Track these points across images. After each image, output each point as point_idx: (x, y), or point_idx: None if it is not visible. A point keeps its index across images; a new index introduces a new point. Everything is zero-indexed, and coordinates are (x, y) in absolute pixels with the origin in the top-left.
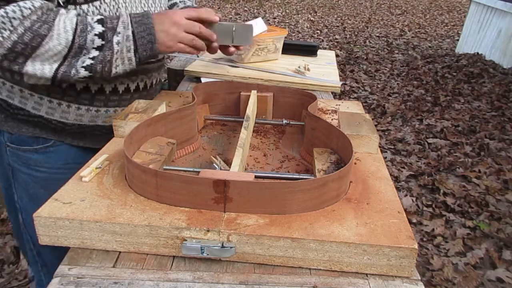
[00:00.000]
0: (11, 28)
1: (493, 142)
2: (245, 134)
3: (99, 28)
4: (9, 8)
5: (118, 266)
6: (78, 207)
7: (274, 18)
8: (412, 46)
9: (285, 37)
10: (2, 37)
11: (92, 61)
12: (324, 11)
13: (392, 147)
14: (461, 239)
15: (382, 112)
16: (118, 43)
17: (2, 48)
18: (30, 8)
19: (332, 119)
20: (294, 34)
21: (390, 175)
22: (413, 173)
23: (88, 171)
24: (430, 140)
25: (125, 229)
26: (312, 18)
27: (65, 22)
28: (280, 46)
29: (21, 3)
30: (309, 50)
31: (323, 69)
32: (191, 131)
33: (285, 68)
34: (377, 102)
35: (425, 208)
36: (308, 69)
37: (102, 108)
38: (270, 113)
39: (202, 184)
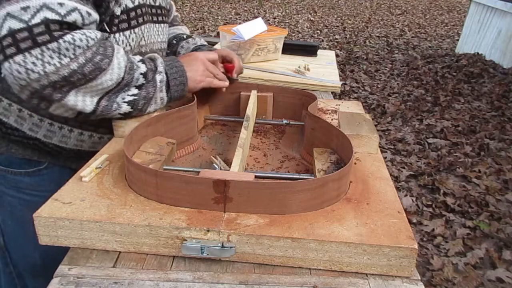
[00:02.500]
0: (72, 56)
1: (493, 142)
2: (245, 134)
3: (143, 68)
4: (77, 35)
5: (118, 266)
6: (78, 207)
7: (274, 18)
8: (412, 46)
9: (285, 37)
10: (60, 63)
11: (135, 97)
12: (324, 11)
13: (392, 147)
14: (461, 239)
15: (382, 112)
16: (160, 81)
17: (56, 75)
18: (93, 39)
19: (332, 119)
20: (294, 34)
21: (390, 175)
22: (413, 173)
23: (88, 171)
24: (430, 140)
25: (125, 229)
26: (312, 18)
27: (119, 59)
28: (280, 46)
29: (87, 32)
30: (309, 50)
31: (323, 69)
32: (191, 131)
33: (285, 68)
34: (377, 102)
35: (425, 208)
36: (308, 69)
37: (105, 135)
38: (270, 113)
39: (202, 184)
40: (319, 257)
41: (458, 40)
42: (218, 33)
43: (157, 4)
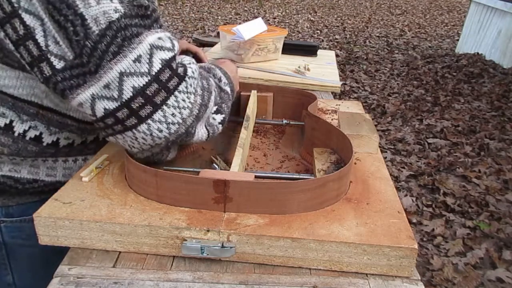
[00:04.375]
0: (194, 91)
1: (493, 142)
2: (245, 134)
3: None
4: (193, 66)
5: (118, 266)
6: (78, 207)
7: (274, 18)
8: (412, 46)
9: (285, 37)
10: (191, 103)
11: (223, 115)
12: (324, 11)
13: (392, 147)
14: (461, 239)
15: (382, 112)
16: (231, 91)
17: (191, 117)
18: (196, 64)
19: (332, 119)
20: (294, 34)
21: (390, 175)
22: (413, 173)
23: (88, 171)
24: (430, 140)
25: (125, 229)
26: (312, 18)
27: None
28: (280, 46)
29: (190, 60)
30: (309, 50)
31: (323, 69)
32: None
33: (285, 68)
34: (377, 102)
35: (425, 208)
36: (308, 69)
37: None
38: (270, 113)
39: (202, 184)
40: (319, 257)
41: (458, 40)
42: (218, 33)
43: None
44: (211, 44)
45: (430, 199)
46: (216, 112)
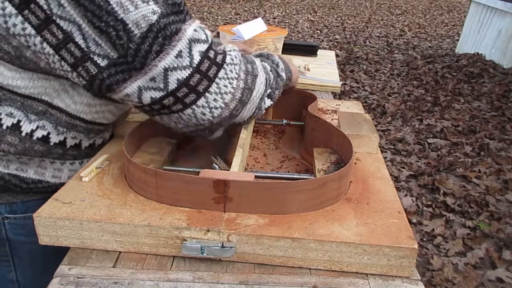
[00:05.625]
0: (236, 76)
1: (493, 142)
2: (245, 134)
3: (267, 65)
4: (233, 53)
5: (118, 266)
6: (78, 207)
7: (274, 18)
8: (412, 46)
9: (285, 37)
10: (233, 87)
11: (272, 102)
12: (324, 11)
13: (392, 147)
14: (461, 239)
15: (382, 112)
16: (288, 79)
17: (234, 101)
18: (238, 50)
19: (332, 119)
20: (294, 34)
21: (390, 175)
22: (413, 173)
23: (88, 171)
24: (430, 140)
25: (125, 229)
26: (312, 18)
27: (256, 60)
28: (280, 46)
29: (232, 47)
30: (309, 50)
31: (323, 69)
32: None
33: None
34: (377, 102)
35: (425, 208)
36: (308, 69)
37: None
38: (270, 113)
39: (202, 184)
40: (319, 257)
41: (458, 40)
42: (218, 33)
43: None
44: None
45: (430, 199)
46: (269, 96)
